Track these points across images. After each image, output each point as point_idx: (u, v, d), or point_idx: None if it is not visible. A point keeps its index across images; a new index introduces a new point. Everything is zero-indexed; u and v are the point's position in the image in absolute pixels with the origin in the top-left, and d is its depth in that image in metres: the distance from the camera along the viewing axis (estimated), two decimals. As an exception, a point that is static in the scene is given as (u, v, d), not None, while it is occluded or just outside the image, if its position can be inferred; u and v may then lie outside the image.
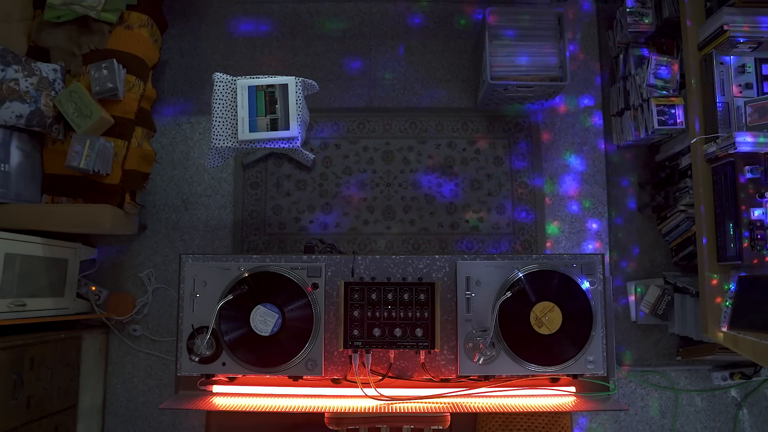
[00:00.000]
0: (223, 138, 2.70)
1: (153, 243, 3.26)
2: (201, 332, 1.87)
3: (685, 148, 2.94)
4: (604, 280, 1.95)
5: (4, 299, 2.47)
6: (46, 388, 2.58)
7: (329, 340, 1.95)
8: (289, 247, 3.25)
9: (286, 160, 3.32)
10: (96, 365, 3.05)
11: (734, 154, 2.39)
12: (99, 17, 2.78)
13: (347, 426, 1.87)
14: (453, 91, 3.42)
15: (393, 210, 3.29)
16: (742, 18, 2.42)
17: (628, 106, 3.13)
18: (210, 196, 3.30)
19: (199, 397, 1.92)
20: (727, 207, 2.42)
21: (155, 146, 3.27)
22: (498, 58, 3.04)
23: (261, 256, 1.97)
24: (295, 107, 2.69)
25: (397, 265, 1.99)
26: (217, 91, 2.71)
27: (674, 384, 3.21)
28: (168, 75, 3.41)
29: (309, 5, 3.48)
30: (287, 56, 3.43)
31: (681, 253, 3.11)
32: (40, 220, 2.65)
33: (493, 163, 3.34)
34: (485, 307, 1.91)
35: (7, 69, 2.58)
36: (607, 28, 3.39)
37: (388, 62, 3.44)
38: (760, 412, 3.18)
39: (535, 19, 3.07)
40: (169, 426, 3.14)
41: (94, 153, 2.60)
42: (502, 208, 3.30)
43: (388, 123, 3.38)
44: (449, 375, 1.94)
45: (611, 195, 3.32)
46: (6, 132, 2.61)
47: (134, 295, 3.20)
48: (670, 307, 3.04)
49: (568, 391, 1.94)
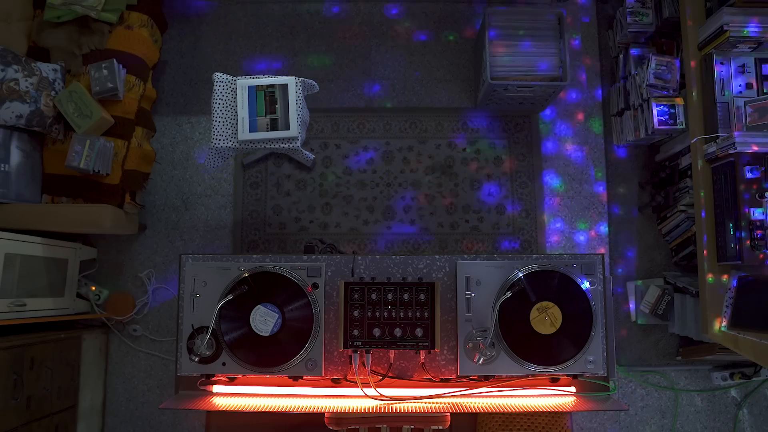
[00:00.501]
0: (223, 138, 2.70)
1: (153, 243, 3.26)
2: (201, 332, 1.87)
3: (685, 148, 2.94)
4: (604, 280, 1.95)
5: (4, 299, 2.47)
6: (46, 388, 2.58)
7: (329, 340, 1.95)
8: (289, 247, 3.25)
9: (286, 160, 3.32)
10: (96, 365, 3.05)
11: (734, 154, 2.39)
12: (99, 17, 2.78)
13: (347, 426, 1.87)
14: (453, 91, 3.41)
15: (393, 210, 3.29)
16: (742, 18, 2.42)
17: (628, 106, 3.13)
18: (210, 196, 3.30)
19: (199, 397, 1.92)
20: (727, 207, 2.42)
21: (155, 146, 3.27)
22: (498, 58, 3.04)
23: (261, 256, 1.97)
24: (295, 107, 2.69)
25: (397, 265, 1.98)
26: (217, 91, 2.71)
27: (674, 384, 3.20)
28: (168, 75, 3.41)
29: (309, 5, 3.48)
30: (287, 56, 3.43)
31: (681, 253, 3.11)
32: (40, 220, 2.65)
33: (493, 163, 3.34)
34: (485, 307, 1.91)
35: (7, 69, 2.58)
36: (607, 28, 3.39)
37: (388, 62, 3.44)
38: (760, 412, 3.18)
39: (535, 19, 3.07)
40: (169, 426, 3.14)
41: (94, 153, 2.60)
42: (502, 208, 3.30)
43: (388, 123, 3.38)
44: (449, 375, 1.94)
45: (611, 195, 3.32)
46: (6, 132, 2.61)
47: (134, 295, 3.20)
48: (670, 307, 3.04)
49: (568, 391, 1.94)
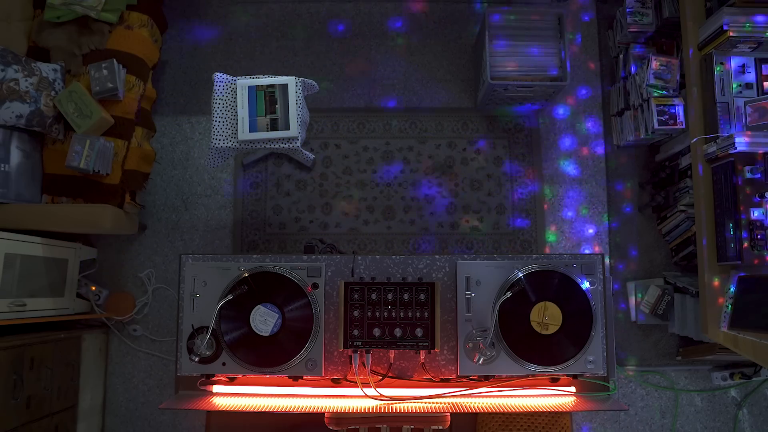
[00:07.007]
0: (223, 138, 2.70)
1: (153, 243, 3.26)
2: (201, 332, 1.87)
3: (685, 148, 2.94)
4: (604, 280, 1.95)
5: (4, 299, 2.47)
6: (46, 388, 2.58)
7: (329, 340, 1.95)
8: (289, 247, 3.25)
9: (286, 160, 3.32)
10: (96, 365, 3.05)
11: (734, 154, 2.39)
12: (99, 17, 2.78)
13: (347, 426, 1.87)
14: (453, 91, 3.41)
15: (393, 210, 3.29)
16: (742, 18, 2.42)
17: (628, 106, 3.13)
18: (210, 196, 3.30)
19: (199, 397, 1.92)
20: (727, 207, 2.42)
21: (155, 146, 3.27)
22: (498, 58, 3.04)
23: (261, 256, 1.97)
24: (295, 107, 2.69)
25: (397, 265, 1.98)
26: (217, 91, 2.71)
27: (674, 384, 3.20)
28: (168, 75, 3.41)
29: (309, 5, 3.48)
30: (287, 56, 3.43)
31: (681, 253, 3.11)
32: (40, 220, 2.65)
33: (493, 163, 3.34)
34: (485, 307, 1.91)
35: (7, 69, 2.58)
36: (607, 28, 3.39)
37: (388, 62, 3.43)
38: (760, 412, 3.18)
39: (535, 19, 3.07)
40: (169, 426, 3.14)
41: (94, 153, 2.60)
42: (502, 208, 3.30)
43: (388, 123, 3.38)
44: (449, 375, 1.94)
45: (611, 195, 3.32)
46: (6, 132, 2.61)
47: (134, 295, 3.20)
48: (670, 307, 3.04)
49: (568, 391, 1.94)
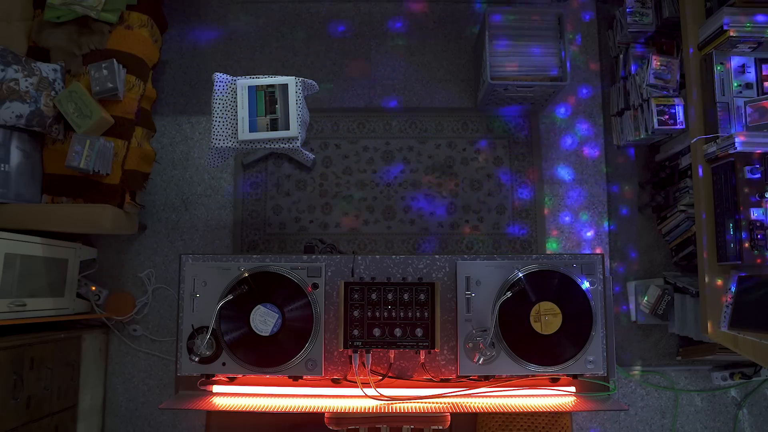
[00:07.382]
0: (223, 138, 2.70)
1: (153, 243, 3.26)
2: (201, 332, 1.87)
3: (685, 148, 2.94)
4: (604, 280, 1.95)
5: (4, 299, 2.47)
6: (46, 388, 2.58)
7: (329, 340, 1.95)
8: (289, 247, 3.25)
9: (286, 160, 3.32)
10: (96, 365, 3.05)
11: (734, 154, 2.39)
12: (99, 17, 2.78)
13: (347, 426, 1.87)
14: (453, 91, 3.41)
15: (393, 210, 3.29)
16: (742, 17, 2.42)
17: (628, 106, 3.13)
18: (210, 196, 3.30)
19: (199, 397, 1.92)
20: (727, 207, 2.42)
21: (155, 146, 3.27)
22: (498, 58, 3.04)
23: (261, 256, 1.97)
24: (295, 107, 2.69)
25: (397, 265, 1.98)
26: (217, 91, 2.71)
27: (674, 384, 3.20)
28: (168, 75, 3.41)
29: (309, 5, 3.48)
30: (287, 56, 3.43)
31: (681, 253, 3.11)
32: (40, 220, 2.65)
33: (493, 163, 3.34)
34: (485, 307, 1.91)
35: (7, 69, 2.58)
36: (607, 28, 3.39)
37: (388, 62, 3.43)
38: (760, 412, 3.18)
39: (535, 19, 3.07)
40: (169, 426, 3.14)
41: (94, 153, 2.60)
42: (502, 208, 3.30)
43: (388, 123, 3.38)
44: (449, 375, 1.94)
45: (611, 195, 3.32)
46: (6, 132, 2.61)
47: (134, 295, 3.20)
48: (670, 307, 3.04)
49: (568, 391, 1.94)
